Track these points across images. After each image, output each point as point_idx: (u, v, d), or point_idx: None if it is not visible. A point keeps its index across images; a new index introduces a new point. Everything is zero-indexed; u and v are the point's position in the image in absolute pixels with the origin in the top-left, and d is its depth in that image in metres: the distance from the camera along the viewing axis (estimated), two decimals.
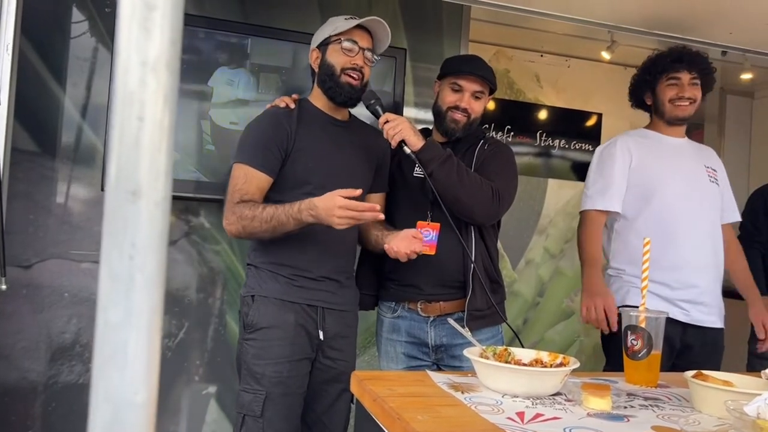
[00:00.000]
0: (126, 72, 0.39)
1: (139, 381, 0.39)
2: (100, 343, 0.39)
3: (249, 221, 1.84)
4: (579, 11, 2.74)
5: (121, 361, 0.39)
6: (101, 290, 0.39)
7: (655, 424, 1.18)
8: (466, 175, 1.97)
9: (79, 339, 2.51)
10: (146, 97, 0.39)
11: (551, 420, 1.15)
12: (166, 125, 0.39)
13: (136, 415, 0.39)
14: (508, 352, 1.45)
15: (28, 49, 2.43)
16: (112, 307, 0.39)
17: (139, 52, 0.38)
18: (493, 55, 3.85)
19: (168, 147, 0.39)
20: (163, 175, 0.39)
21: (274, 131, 1.95)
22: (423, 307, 2.07)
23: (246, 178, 1.90)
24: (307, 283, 1.95)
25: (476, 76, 2.10)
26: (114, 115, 0.39)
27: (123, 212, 0.39)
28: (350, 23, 1.98)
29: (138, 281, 0.39)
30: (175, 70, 0.40)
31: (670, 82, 2.48)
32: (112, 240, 0.39)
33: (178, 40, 0.40)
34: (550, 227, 3.93)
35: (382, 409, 1.20)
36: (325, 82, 2.00)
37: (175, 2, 0.39)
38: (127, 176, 0.39)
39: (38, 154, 2.47)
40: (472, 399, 1.26)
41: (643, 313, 1.54)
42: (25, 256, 2.45)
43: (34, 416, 2.47)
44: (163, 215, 0.40)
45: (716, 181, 2.52)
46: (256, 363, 1.90)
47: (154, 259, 0.39)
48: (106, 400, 0.38)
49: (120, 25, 0.39)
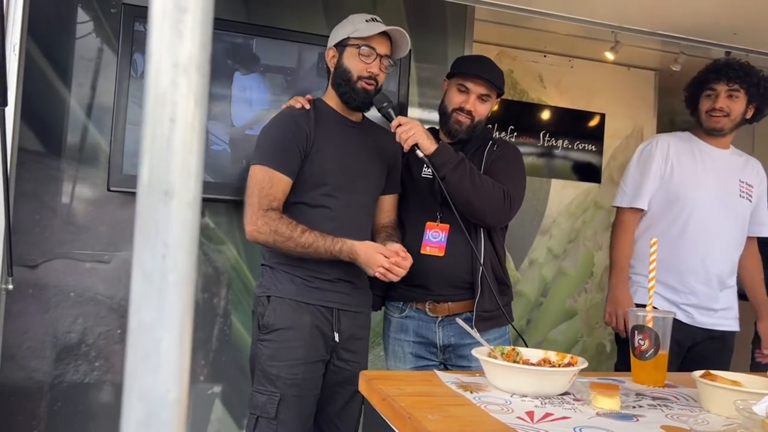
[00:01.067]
0: (158, 73, 0.39)
1: (172, 379, 0.39)
2: (134, 343, 0.39)
3: (283, 240, 1.85)
4: (582, 12, 2.74)
5: (154, 360, 0.39)
6: (134, 290, 0.39)
7: (665, 423, 1.18)
8: (478, 179, 1.97)
9: (84, 339, 2.52)
10: (178, 98, 0.39)
11: (561, 419, 1.15)
12: (197, 126, 0.40)
13: (169, 413, 0.39)
14: (516, 352, 1.46)
15: (34, 49, 2.44)
16: (145, 307, 0.39)
17: (171, 53, 0.39)
18: (496, 56, 3.85)
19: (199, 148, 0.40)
20: (194, 176, 0.40)
21: (294, 133, 1.93)
22: (431, 307, 2.08)
23: (272, 183, 1.89)
24: (323, 284, 1.95)
25: (483, 80, 2.09)
26: (146, 116, 0.40)
27: (155, 212, 0.39)
28: (371, 28, 1.95)
29: (170, 281, 0.39)
30: (206, 72, 0.40)
31: (707, 93, 2.55)
32: (144, 240, 0.39)
33: (208, 43, 0.40)
34: (553, 227, 3.93)
35: (392, 409, 1.21)
36: (340, 86, 1.99)
37: (205, 5, 0.40)
38: (159, 177, 0.39)
39: (44, 155, 2.48)
40: (482, 398, 1.26)
41: (650, 313, 1.55)
42: (32, 256, 2.46)
43: (39, 416, 2.47)
44: (194, 215, 0.40)
45: (748, 197, 2.55)
46: (272, 364, 1.90)
47: (186, 259, 0.40)
48: (140, 398, 0.39)
49: (152, 27, 0.39)
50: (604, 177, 3.97)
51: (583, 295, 3.96)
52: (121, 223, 2.56)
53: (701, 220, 2.45)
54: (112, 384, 2.55)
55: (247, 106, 2.60)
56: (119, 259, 2.56)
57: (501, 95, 2.20)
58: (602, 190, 3.94)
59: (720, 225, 2.48)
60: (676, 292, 2.43)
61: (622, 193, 2.59)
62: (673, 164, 2.50)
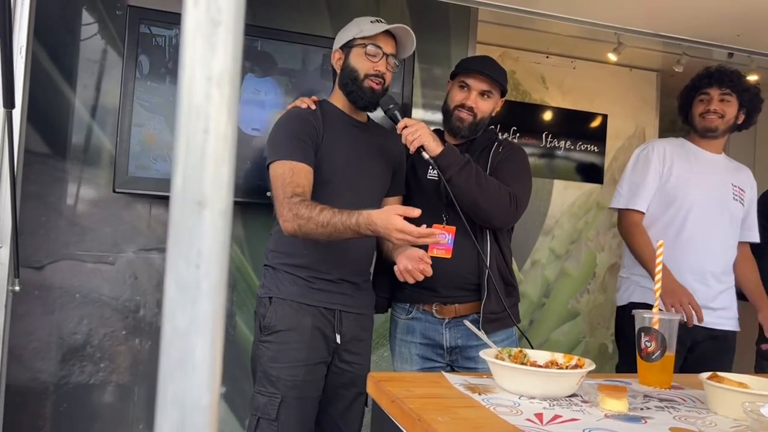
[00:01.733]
0: (191, 86, 0.40)
1: (205, 385, 0.40)
2: (167, 349, 0.40)
3: (305, 221, 1.77)
4: (585, 13, 2.75)
5: (189, 366, 0.40)
6: (167, 298, 0.40)
7: (673, 425, 1.19)
8: (484, 181, 1.97)
9: (90, 340, 2.53)
10: (211, 110, 0.40)
11: (570, 421, 1.16)
12: (229, 137, 0.40)
13: (202, 418, 0.40)
14: (524, 354, 1.46)
15: (40, 51, 2.45)
16: (180, 314, 0.40)
17: (203, 66, 0.40)
18: (499, 57, 3.85)
19: (231, 158, 0.41)
20: (226, 186, 0.40)
21: (303, 125, 1.93)
22: (438, 309, 2.08)
23: (293, 171, 1.85)
24: (325, 285, 1.95)
25: (483, 75, 2.10)
26: (180, 127, 0.41)
27: (189, 222, 0.40)
28: (376, 27, 1.96)
29: (204, 288, 0.40)
30: (237, 84, 0.41)
31: (701, 98, 2.63)
32: (178, 249, 0.40)
33: (239, 55, 0.41)
34: (555, 228, 3.94)
35: (401, 410, 1.22)
36: (347, 85, 1.99)
37: (237, 17, 0.40)
38: (192, 187, 0.40)
39: (50, 156, 2.49)
40: (490, 400, 1.27)
41: (656, 315, 1.56)
42: (37, 258, 2.47)
43: (45, 416, 2.48)
44: (226, 224, 0.41)
45: (741, 200, 2.62)
46: (272, 366, 1.90)
47: (219, 267, 0.41)
48: (174, 404, 0.39)
49: (185, 40, 0.40)
50: (607, 178, 3.98)
51: (585, 295, 3.97)
52: (126, 224, 2.57)
53: (698, 220, 2.52)
54: (116, 385, 2.56)
55: (252, 108, 2.61)
56: (124, 261, 2.57)
57: (504, 94, 2.20)
58: (605, 190, 3.95)
59: (716, 225, 2.55)
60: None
61: (618, 195, 2.65)
62: (671, 167, 2.57)
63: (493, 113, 2.19)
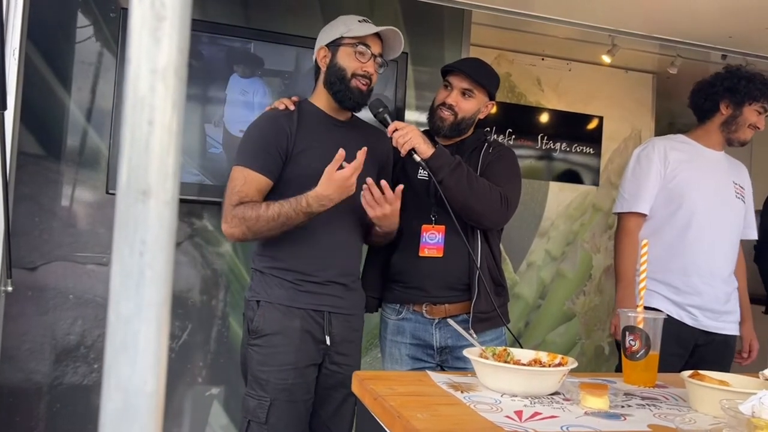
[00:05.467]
0: (137, 79, 0.41)
1: (149, 371, 0.41)
2: (112, 335, 0.41)
3: (254, 222, 1.83)
4: (580, 16, 2.76)
5: (132, 352, 0.41)
6: (113, 285, 0.41)
7: (652, 422, 1.20)
8: (476, 182, 1.98)
9: (83, 340, 2.54)
10: (156, 102, 0.41)
11: (549, 419, 1.17)
12: (174, 129, 0.41)
13: (145, 404, 0.41)
14: (508, 353, 1.47)
15: (34, 53, 2.46)
16: (124, 301, 0.41)
17: (149, 60, 0.41)
18: (494, 59, 3.87)
19: (176, 150, 0.42)
20: (171, 177, 0.42)
21: (274, 133, 1.94)
22: (428, 309, 2.09)
23: (245, 181, 1.89)
24: (313, 287, 1.94)
25: (464, 74, 2.11)
26: (125, 119, 0.42)
27: (134, 211, 0.41)
28: (365, 28, 1.97)
29: (148, 276, 0.41)
30: (183, 77, 0.42)
31: (758, 109, 2.52)
32: (123, 237, 0.41)
33: (185, 49, 0.42)
34: (551, 230, 3.94)
35: (383, 408, 1.22)
36: (334, 84, 1.98)
37: (183, 13, 0.41)
38: (137, 177, 0.41)
39: (44, 158, 2.50)
40: (472, 398, 1.28)
41: (641, 314, 1.56)
42: (31, 259, 2.48)
43: (38, 417, 2.49)
44: (171, 214, 0.42)
45: (742, 198, 2.58)
46: (261, 369, 1.90)
47: (163, 256, 0.42)
48: (118, 388, 0.40)
49: (131, 34, 0.41)
50: (602, 179, 3.98)
51: (581, 297, 3.98)
52: None
53: (703, 220, 2.46)
54: None
55: (246, 110, 2.62)
56: None
57: (492, 97, 2.20)
58: (600, 192, 3.96)
59: (721, 225, 2.50)
60: (679, 293, 2.43)
61: (621, 199, 2.58)
62: (672, 168, 2.50)
63: (479, 114, 2.19)
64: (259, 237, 1.91)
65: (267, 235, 1.89)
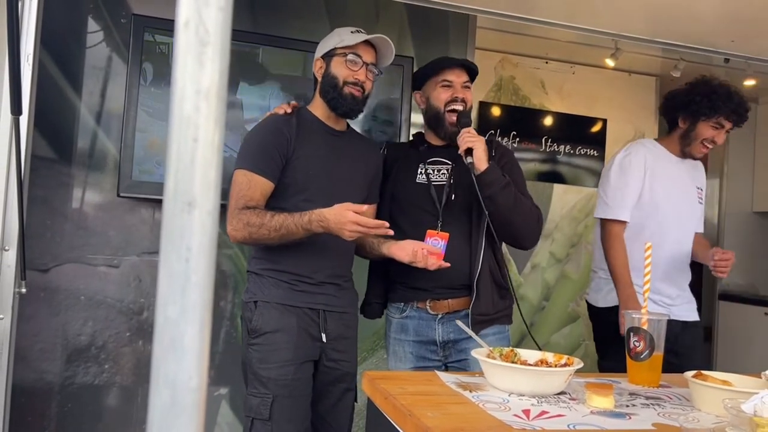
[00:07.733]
0: (182, 99, 0.44)
1: (194, 368, 0.45)
2: (160, 335, 0.45)
3: (257, 228, 1.88)
4: (584, 20, 2.78)
5: (178, 351, 0.44)
6: (161, 288, 0.45)
7: (656, 421, 1.23)
8: (521, 202, 2.05)
9: (94, 341, 2.58)
10: (200, 121, 0.44)
11: (556, 417, 1.20)
12: (216, 144, 0.45)
13: (190, 398, 0.44)
14: (515, 353, 1.50)
15: (47, 59, 2.50)
16: (171, 304, 0.44)
17: (193, 81, 0.44)
18: (498, 62, 3.91)
19: (218, 163, 0.45)
20: (213, 188, 0.45)
21: (275, 137, 1.99)
22: (432, 305, 2.12)
23: (249, 184, 1.94)
24: (308, 287, 2.00)
25: (463, 67, 2.18)
26: (171, 136, 0.45)
27: (179, 221, 0.44)
28: (356, 38, 2.03)
29: (192, 281, 0.44)
30: (223, 97, 0.45)
31: (714, 125, 2.54)
32: (170, 244, 0.45)
33: (226, 71, 0.46)
34: (555, 232, 3.97)
35: (394, 407, 1.26)
36: (328, 93, 2.05)
37: (224, 38, 0.45)
38: (183, 189, 0.44)
39: (56, 161, 2.54)
40: (480, 397, 1.31)
41: (645, 316, 1.59)
42: (43, 261, 2.52)
43: (50, 417, 2.53)
44: (213, 223, 0.46)
45: (701, 201, 2.69)
46: (262, 367, 1.95)
47: (206, 262, 0.45)
48: (165, 385, 0.44)
49: (177, 58, 0.45)
50: None
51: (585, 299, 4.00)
52: (130, 228, 2.62)
53: (676, 230, 2.58)
54: (121, 386, 2.61)
55: (254, 114, 2.66)
56: (128, 264, 2.62)
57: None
58: None
59: (688, 231, 2.63)
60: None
61: (603, 205, 2.61)
62: (650, 174, 2.57)
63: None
64: (259, 243, 1.98)
65: (267, 243, 1.95)
